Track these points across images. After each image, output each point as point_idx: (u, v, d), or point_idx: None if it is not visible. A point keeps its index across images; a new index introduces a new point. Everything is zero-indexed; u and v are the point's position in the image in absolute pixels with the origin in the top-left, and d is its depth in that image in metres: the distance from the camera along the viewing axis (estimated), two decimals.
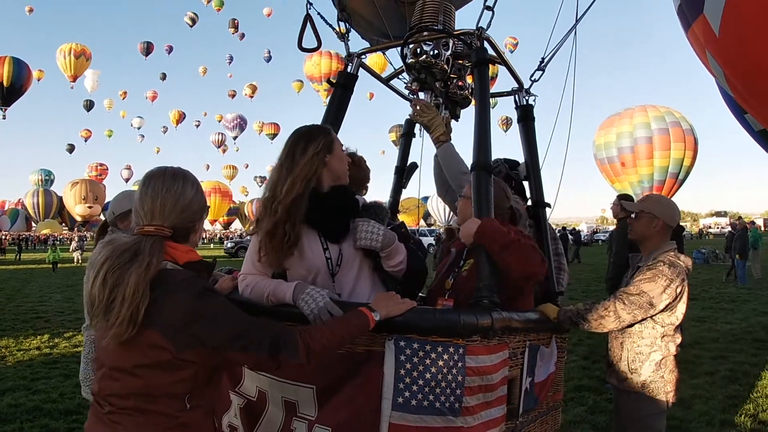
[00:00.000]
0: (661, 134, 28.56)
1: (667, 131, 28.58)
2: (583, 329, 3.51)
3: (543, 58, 4.25)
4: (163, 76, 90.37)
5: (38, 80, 68.69)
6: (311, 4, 3.84)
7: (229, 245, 43.48)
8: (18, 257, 42.88)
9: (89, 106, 75.33)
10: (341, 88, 3.85)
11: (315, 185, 2.74)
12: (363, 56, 4.00)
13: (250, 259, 2.84)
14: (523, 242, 2.95)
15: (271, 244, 2.72)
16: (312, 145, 2.75)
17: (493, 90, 4.30)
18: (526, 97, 4.28)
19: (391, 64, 4.59)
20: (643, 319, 3.51)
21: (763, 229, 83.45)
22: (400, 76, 4.40)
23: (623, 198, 7.68)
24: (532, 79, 4.30)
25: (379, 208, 2.96)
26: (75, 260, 37.24)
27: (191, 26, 71.75)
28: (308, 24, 3.85)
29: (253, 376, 2.83)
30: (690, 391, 6.87)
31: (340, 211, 2.82)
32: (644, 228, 3.71)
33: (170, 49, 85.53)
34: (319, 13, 3.96)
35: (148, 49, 74.98)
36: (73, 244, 41.00)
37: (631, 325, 3.56)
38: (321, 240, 2.80)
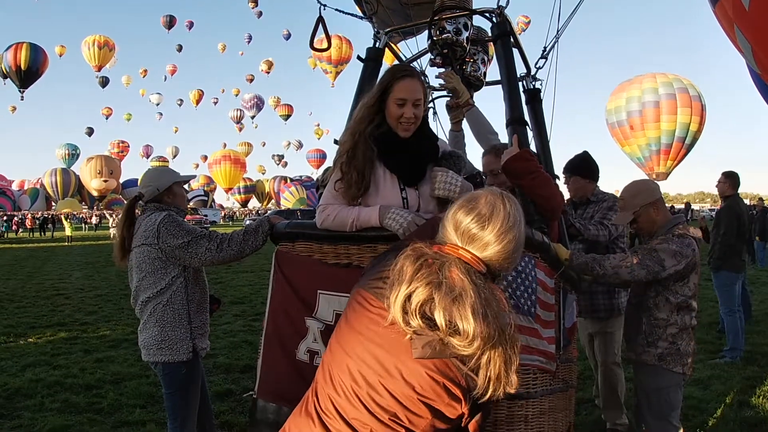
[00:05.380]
0: (669, 99, 29.04)
1: (674, 96, 29.03)
2: (596, 276, 3.60)
3: (545, 47, 4.55)
4: (180, 48, 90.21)
5: (60, 56, 69.95)
6: (324, 6, 4.02)
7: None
8: (52, 235, 45.29)
9: (104, 82, 75.87)
10: (372, 62, 4.04)
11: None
12: (388, 34, 4.21)
13: (330, 192, 2.95)
14: (544, 173, 3.23)
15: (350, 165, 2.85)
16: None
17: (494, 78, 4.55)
18: (533, 83, 4.58)
19: (404, 54, 4.80)
20: (657, 294, 3.61)
21: None
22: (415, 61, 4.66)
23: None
24: (537, 66, 4.58)
25: (459, 158, 3.07)
26: (112, 236, 38.23)
27: None
28: (321, 25, 4.03)
29: (329, 300, 2.93)
30: (708, 372, 6.86)
31: (419, 156, 2.94)
32: (647, 219, 3.81)
33: (191, 25, 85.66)
34: (337, 9, 4.19)
35: (170, 22, 75.26)
36: (112, 222, 42.47)
37: (646, 299, 3.66)
38: (399, 182, 2.91)
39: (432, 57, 4.19)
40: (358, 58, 4.11)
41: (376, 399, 1.72)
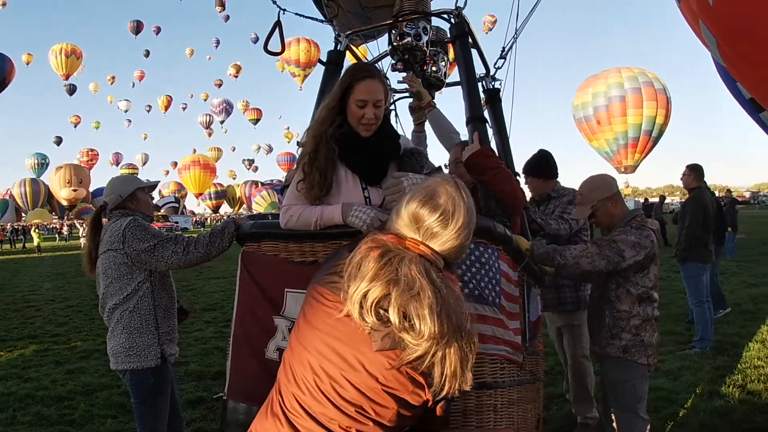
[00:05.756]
0: (634, 93, 29.59)
1: (639, 90, 29.59)
2: (557, 265, 3.64)
3: (504, 47, 4.65)
4: (147, 53, 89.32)
5: (27, 64, 69.39)
6: (284, 10, 4.07)
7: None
8: (23, 246, 45.60)
9: (72, 90, 75.00)
10: (333, 64, 4.09)
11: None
12: (349, 37, 4.27)
13: (293, 192, 2.97)
14: (506, 169, 3.33)
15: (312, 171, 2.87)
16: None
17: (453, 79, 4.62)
18: (492, 83, 4.65)
19: (367, 57, 4.91)
20: (618, 286, 3.68)
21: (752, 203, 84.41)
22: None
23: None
24: (496, 66, 4.67)
25: (420, 155, 3.11)
26: (82, 246, 38.18)
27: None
28: (277, 30, 4.05)
29: (297, 297, 2.92)
30: (678, 363, 6.95)
31: (380, 155, 2.98)
32: (605, 214, 3.88)
33: (158, 30, 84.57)
34: (298, 13, 4.29)
35: (137, 27, 74.59)
36: (82, 231, 42.62)
37: (608, 292, 3.73)
38: (361, 181, 2.95)
39: (393, 62, 4.25)
40: (320, 61, 4.15)
41: (341, 392, 1.73)
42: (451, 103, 4.88)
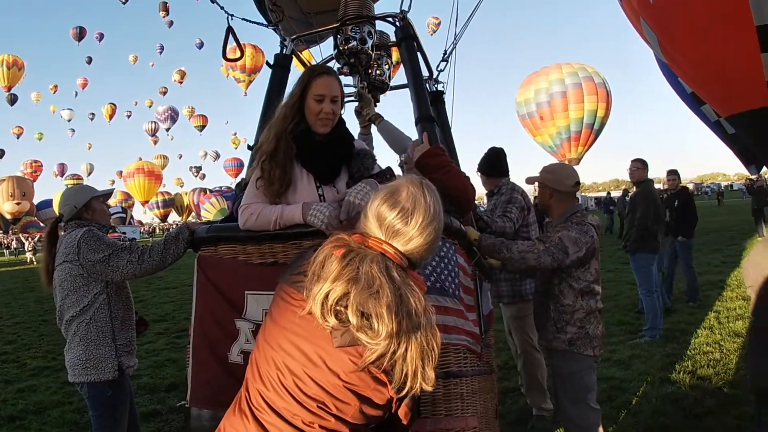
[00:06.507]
0: (575, 88, 30.09)
1: (580, 85, 30.09)
2: (503, 258, 3.70)
3: (445, 51, 4.73)
4: (89, 60, 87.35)
5: None
6: (232, 16, 4.04)
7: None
8: None
9: (12, 100, 73.23)
10: (279, 68, 4.10)
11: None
12: (295, 41, 4.27)
13: (251, 191, 2.99)
14: (455, 167, 3.40)
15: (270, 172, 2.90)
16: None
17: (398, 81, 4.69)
18: (435, 85, 4.76)
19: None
20: (561, 281, 3.78)
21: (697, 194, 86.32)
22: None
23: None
24: (438, 69, 4.76)
25: (367, 157, 3.15)
26: (28, 261, 37.35)
27: (124, 3, 69.44)
28: (231, 36, 4.04)
29: (258, 299, 2.95)
30: (629, 352, 7.10)
31: (334, 155, 3.03)
32: (543, 197, 4.04)
33: (101, 37, 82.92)
34: (244, 18, 4.24)
35: (80, 34, 73.05)
36: (28, 245, 41.78)
37: (552, 287, 3.83)
38: (315, 180, 2.98)
39: (339, 66, 4.28)
40: (267, 64, 4.16)
41: (303, 388, 1.74)
42: (393, 107, 4.94)
